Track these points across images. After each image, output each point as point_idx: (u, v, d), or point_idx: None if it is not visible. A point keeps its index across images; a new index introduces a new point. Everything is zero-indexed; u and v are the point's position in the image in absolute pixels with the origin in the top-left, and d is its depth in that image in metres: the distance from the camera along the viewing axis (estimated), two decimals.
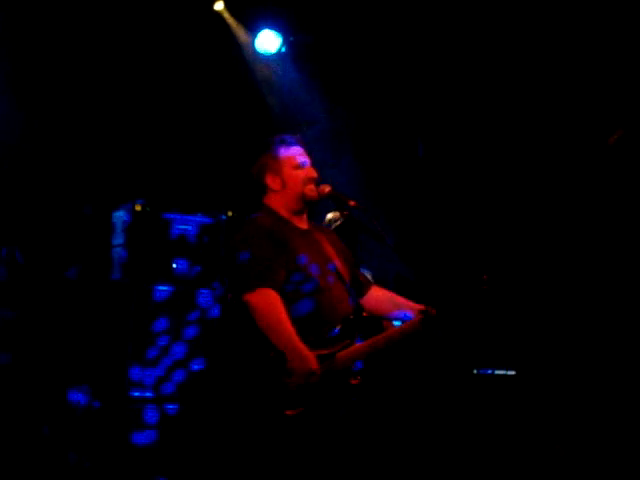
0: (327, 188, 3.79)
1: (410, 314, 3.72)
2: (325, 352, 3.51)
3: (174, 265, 5.60)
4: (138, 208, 5.50)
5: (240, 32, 6.07)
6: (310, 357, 3.43)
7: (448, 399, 5.95)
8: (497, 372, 5.81)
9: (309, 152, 3.86)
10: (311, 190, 3.75)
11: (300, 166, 3.77)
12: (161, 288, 5.55)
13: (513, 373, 5.76)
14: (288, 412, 3.42)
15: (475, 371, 6.01)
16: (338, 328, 3.55)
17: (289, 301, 3.53)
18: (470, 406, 5.86)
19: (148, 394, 5.45)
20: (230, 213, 5.64)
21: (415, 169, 6.62)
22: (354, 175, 6.23)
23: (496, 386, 5.72)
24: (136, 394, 5.42)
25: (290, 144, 3.81)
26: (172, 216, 5.61)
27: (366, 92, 6.35)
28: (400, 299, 3.88)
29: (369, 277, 4.38)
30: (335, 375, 3.48)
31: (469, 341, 5.88)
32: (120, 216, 5.56)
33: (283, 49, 5.99)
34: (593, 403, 5.43)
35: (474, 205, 6.56)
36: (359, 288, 3.88)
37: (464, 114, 6.47)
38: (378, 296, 3.92)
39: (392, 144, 6.53)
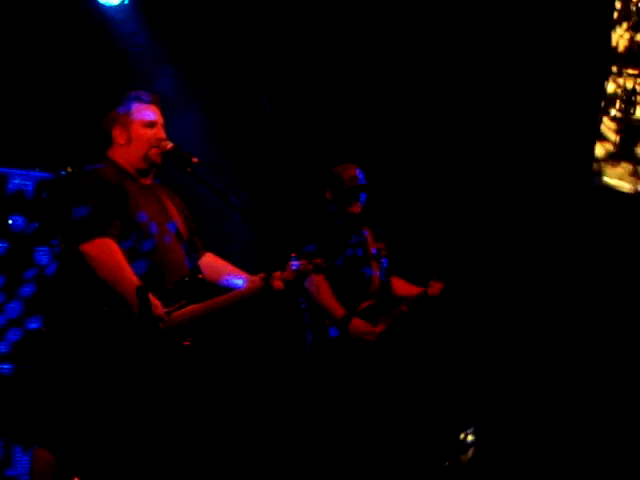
0: (169, 145, 3.82)
1: (242, 283, 3.82)
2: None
3: (10, 221, 5.47)
4: None
5: None
6: (157, 303, 3.47)
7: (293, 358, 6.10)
8: None
9: (163, 113, 3.88)
10: (155, 155, 3.78)
11: (150, 125, 3.82)
12: None
13: None
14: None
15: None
16: (173, 288, 3.60)
17: (127, 259, 3.54)
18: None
19: None
20: (70, 168, 5.54)
21: (262, 128, 6.66)
22: (201, 133, 6.22)
23: None
24: None
25: (144, 101, 3.85)
26: (8, 170, 5.48)
27: (212, 48, 6.33)
28: (232, 268, 3.97)
29: None
30: (168, 334, 3.54)
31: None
32: None
33: (126, 1, 5.89)
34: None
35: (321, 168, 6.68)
36: (194, 251, 3.93)
37: (312, 72, 6.56)
38: (211, 263, 4.01)
39: (238, 102, 6.54)
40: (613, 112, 6.57)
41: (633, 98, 6.57)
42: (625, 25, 6.59)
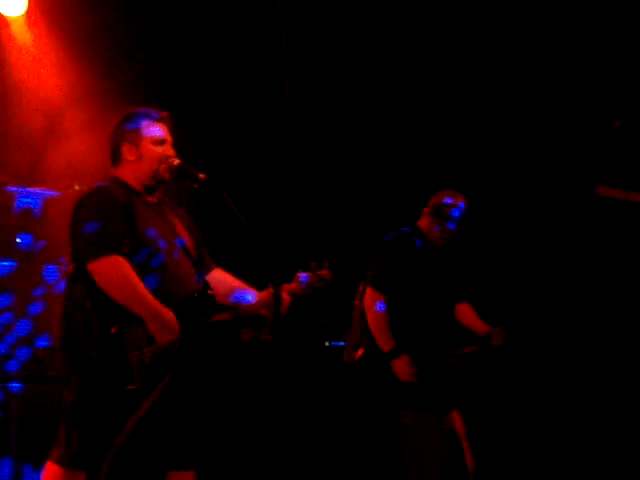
0: (176, 161, 3.85)
1: (250, 298, 3.83)
2: None
3: (18, 240, 5.52)
4: None
5: None
6: (173, 317, 3.49)
7: (301, 374, 6.13)
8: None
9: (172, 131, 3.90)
10: (164, 171, 3.80)
11: (160, 142, 3.85)
12: (4, 264, 5.47)
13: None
14: (130, 387, 3.46)
15: (327, 343, 6.19)
16: (183, 305, 3.61)
17: (137, 275, 3.55)
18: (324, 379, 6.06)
19: None
20: (77, 187, 5.59)
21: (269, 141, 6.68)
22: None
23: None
24: None
25: (154, 119, 3.86)
26: (16, 189, 5.52)
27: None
28: (241, 283, 3.99)
29: None
30: (178, 352, 3.55)
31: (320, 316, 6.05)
32: None
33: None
34: None
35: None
36: (203, 267, 3.95)
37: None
38: (220, 278, 4.03)
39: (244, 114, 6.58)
40: None
41: None
42: None
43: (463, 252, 5.31)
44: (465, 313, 5.33)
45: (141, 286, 3.54)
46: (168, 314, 3.54)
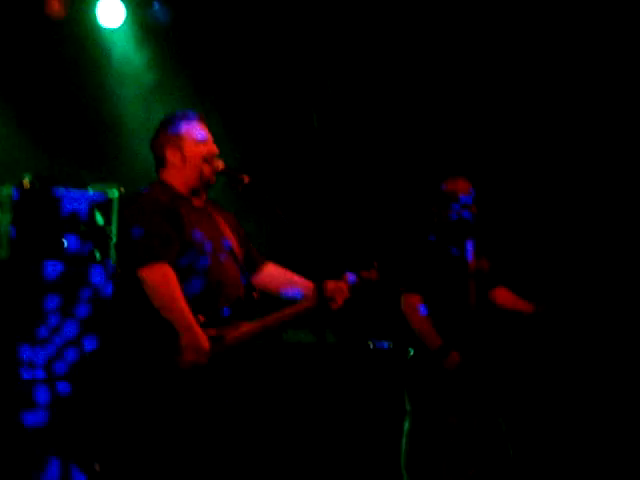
0: (221, 165, 3.87)
1: (304, 292, 3.83)
2: (214, 333, 3.58)
3: (65, 242, 5.57)
4: (26, 184, 5.46)
5: None
6: (203, 337, 3.51)
7: (346, 374, 6.13)
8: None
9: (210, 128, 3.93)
10: (209, 172, 3.82)
11: (202, 141, 3.86)
12: (51, 266, 5.52)
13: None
14: (177, 390, 3.49)
15: (371, 345, 6.18)
16: (229, 308, 3.63)
17: (182, 278, 3.61)
18: (366, 381, 6.05)
19: (39, 374, 5.44)
20: (123, 189, 5.64)
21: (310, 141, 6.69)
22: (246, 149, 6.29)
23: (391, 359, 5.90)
24: (26, 374, 5.40)
25: (192, 119, 3.89)
26: (62, 191, 5.58)
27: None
28: (295, 277, 3.99)
29: None
30: (224, 356, 3.57)
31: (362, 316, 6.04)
32: (7, 193, 5.50)
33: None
34: None
35: (372, 183, 6.70)
36: (252, 264, 3.97)
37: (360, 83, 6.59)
38: (272, 273, 4.04)
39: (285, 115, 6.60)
40: None
41: None
42: None
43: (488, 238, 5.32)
44: (505, 297, 5.36)
45: (181, 298, 3.57)
46: (200, 335, 3.56)
